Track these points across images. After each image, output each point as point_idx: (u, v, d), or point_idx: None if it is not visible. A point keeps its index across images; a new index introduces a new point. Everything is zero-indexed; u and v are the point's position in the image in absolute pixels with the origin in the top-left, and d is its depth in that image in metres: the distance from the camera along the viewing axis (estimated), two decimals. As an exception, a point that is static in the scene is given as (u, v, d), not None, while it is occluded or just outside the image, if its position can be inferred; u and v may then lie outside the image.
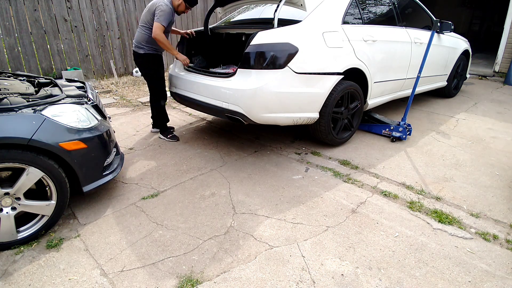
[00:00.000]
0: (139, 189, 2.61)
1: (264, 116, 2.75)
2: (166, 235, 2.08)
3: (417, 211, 2.32)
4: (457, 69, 5.08)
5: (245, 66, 2.70)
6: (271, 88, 2.65)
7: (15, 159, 1.79)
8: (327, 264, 1.84)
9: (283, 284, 1.71)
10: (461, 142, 3.51)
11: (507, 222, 2.22)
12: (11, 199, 1.87)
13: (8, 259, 1.88)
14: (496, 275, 1.77)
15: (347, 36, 3.05)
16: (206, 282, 1.72)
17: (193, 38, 3.67)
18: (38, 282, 1.72)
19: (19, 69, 5.25)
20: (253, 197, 2.50)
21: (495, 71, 6.86)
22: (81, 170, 2.05)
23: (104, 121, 2.35)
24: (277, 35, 2.68)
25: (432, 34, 3.60)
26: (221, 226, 2.16)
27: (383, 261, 1.86)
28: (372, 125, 3.75)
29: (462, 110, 4.62)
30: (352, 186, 2.65)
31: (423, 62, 3.55)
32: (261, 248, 1.96)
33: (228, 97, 2.79)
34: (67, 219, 2.24)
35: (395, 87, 3.87)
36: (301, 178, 2.78)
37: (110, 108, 4.78)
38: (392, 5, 3.78)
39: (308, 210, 2.33)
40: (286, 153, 3.27)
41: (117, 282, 1.73)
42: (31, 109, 1.93)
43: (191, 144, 3.49)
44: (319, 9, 2.96)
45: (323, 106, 2.98)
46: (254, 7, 3.84)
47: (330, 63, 2.90)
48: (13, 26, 5.12)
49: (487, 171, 2.90)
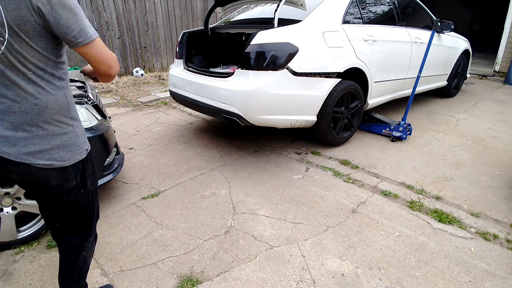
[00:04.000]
0: (139, 189, 2.61)
1: (261, 118, 2.75)
2: (166, 235, 2.08)
3: (417, 210, 2.32)
4: (458, 69, 5.08)
5: (245, 66, 2.70)
6: (269, 90, 2.65)
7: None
8: (327, 263, 1.84)
9: (283, 283, 1.71)
10: (461, 141, 3.51)
11: (507, 221, 2.22)
12: (12, 198, 1.87)
13: (9, 258, 1.88)
14: (496, 275, 1.77)
15: (347, 35, 3.05)
16: (206, 282, 1.72)
17: (193, 38, 3.67)
18: (38, 282, 1.72)
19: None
20: (254, 196, 2.50)
21: (495, 71, 6.85)
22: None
23: (105, 121, 2.35)
24: (277, 34, 2.68)
25: (432, 33, 3.60)
26: (221, 226, 2.16)
27: (383, 260, 1.86)
28: (372, 125, 3.75)
29: (462, 109, 4.62)
30: (352, 186, 2.65)
31: (423, 61, 3.55)
32: (261, 247, 1.96)
33: (225, 97, 2.79)
34: (67, 219, 2.24)
35: (395, 86, 3.87)
36: (301, 178, 2.78)
37: (110, 108, 4.78)
38: (392, 5, 3.78)
39: (308, 210, 2.33)
40: (287, 152, 3.27)
41: (117, 282, 1.73)
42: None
43: (191, 144, 3.49)
44: (319, 9, 2.96)
45: (323, 106, 2.98)
46: (254, 7, 3.84)
47: (330, 63, 2.90)
48: None
49: (487, 170, 2.90)
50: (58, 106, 1.15)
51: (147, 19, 6.72)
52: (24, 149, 1.12)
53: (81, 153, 1.24)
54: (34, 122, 1.12)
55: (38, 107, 1.11)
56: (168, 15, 6.95)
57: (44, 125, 1.13)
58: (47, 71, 1.10)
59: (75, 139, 1.21)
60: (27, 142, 1.12)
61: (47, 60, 1.09)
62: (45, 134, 1.14)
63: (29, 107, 1.10)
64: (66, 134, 1.18)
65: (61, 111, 1.16)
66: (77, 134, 1.22)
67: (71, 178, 1.22)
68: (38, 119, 1.12)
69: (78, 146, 1.22)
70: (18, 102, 1.09)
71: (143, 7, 6.60)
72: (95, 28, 6.05)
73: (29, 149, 1.13)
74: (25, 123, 1.11)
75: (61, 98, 1.16)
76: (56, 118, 1.15)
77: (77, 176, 1.24)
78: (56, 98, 1.14)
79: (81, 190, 1.29)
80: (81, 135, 1.25)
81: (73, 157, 1.21)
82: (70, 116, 1.20)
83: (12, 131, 1.11)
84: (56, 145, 1.16)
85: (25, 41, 1.02)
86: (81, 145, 1.24)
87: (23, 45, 1.03)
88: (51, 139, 1.15)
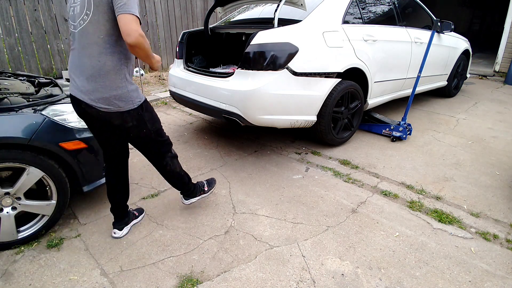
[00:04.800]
0: (139, 188, 2.61)
1: (261, 118, 2.75)
2: (166, 235, 2.08)
3: (417, 210, 2.32)
4: (458, 69, 5.08)
5: (245, 66, 2.70)
6: (269, 90, 2.65)
7: (16, 159, 1.79)
8: (327, 263, 1.84)
9: (283, 283, 1.71)
10: (461, 141, 3.51)
11: (507, 221, 2.22)
12: (12, 199, 1.87)
13: (9, 259, 1.88)
14: (496, 275, 1.77)
15: (347, 35, 3.05)
16: (206, 282, 1.72)
17: (193, 38, 3.66)
18: (38, 282, 1.72)
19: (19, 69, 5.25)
20: (253, 196, 2.50)
21: (495, 71, 6.85)
22: (81, 169, 2.05)
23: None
24: (277, 34, 2.68)
25: (432, 33, 3.60)
26: (221, 226, 2.16)
27: (383, 260, 1.86)
28: (372, 125, 3.75)
29: (462, 109, 4.62)
30: (352, 186, 2.64)
31: (423, 61, 3.55)
32: (261, 247, 1.96)
33: (225, 97, 2.79)
34: (67, 219, 2.24)
35: (395, 86, 3.87)
36: (301, 178, 2.78)
37: (110, 108, 4.77)
38: (392, 5, 3.78)
39: (308, 210, 2.33)
40: (286, 152, 3.27)
41: (117, 282, 1.73)
42: (32, 109, 1.93)
43: (191, 144, 3.49)
44: (319, 9, 2.96)
45: (323, 106, 2.98)
46: (254, 6, 3.84)
47: (330, 62, 2.90)
48: (13, 26, 5.11)
49: (487, 170, 2.90)
50: (113, 66, 1.56)
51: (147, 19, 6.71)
52: (92, 96, 1.58)
53: (133, 104, 1.66)
54: (98, 76, 1.55)
55: (100, 64, 1.54)
56: (168, 15, 6.95)
57: (104, 80, 1.56)
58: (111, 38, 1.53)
59: (127, 94, 1.63)
60: (94, 91, 1.57)
61: (112, 29, 1.52)
62: (104, 86, 1.57)
63: (95, 64, 1.54)
64: (120, 89, 1.60)
65: (115, 71, 1.57)
66: (128, 91, 1.63)
67: (128, 120, 1.68)
68: (100, 74, 1.55)
69: (130, 99, 1.65)
70: (89, 59, 1.54)
71: (143, 7, 6.60)
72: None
73: (95, 96, 1.58)
74: (93, 76, 1.55)
75: (117, 61, 1.57)
76: (112, 76, 1.57)
77: (133, 119, 1.68)
78: (112, 60, 1.55)
79: (143, 129, 1.75)
80: (133, 91, 1.66)
81: (126, 106, 1.64)
82: (123, 77, 1.60)
83: (86, 82, 1.57)
84: (112, 95, 1.59)
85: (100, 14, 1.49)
86: (133, 98, 1.66)
87: (100, 17, 1.49)
88: (108, 91, 1.58)
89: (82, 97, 1.60)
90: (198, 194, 2.24)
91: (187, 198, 2.22)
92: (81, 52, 1.56)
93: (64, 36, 5.68)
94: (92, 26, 1.51)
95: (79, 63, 1.58)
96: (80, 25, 1.55)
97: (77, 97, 1.62)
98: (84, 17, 1.52)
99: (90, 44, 1.53)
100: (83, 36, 1.54)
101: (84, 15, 1.53)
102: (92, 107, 1.60)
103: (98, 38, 1.52)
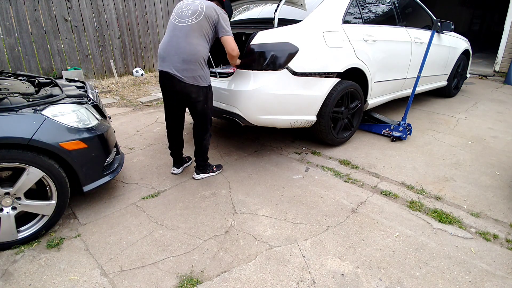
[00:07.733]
0: (139, 188, 2.61)
1: (261, 118, 2.75)
2: (166, 235, 2.08)
3: (417, 210, 2.32)
4: (457, 69, 5.08)
5: (245, 66, 2.70)
6: (269, 90, 2.65)
7: (16, 159, 1.79)
8: (327, 263, 1.84)
9: (283, 283, 1.71)
10: (461, 141, 3.51)
11: (507, 221, 2.22)
12: (12, 199, 1.87)
13: (9, 259, 1.88)
14: (496, 275, 1.77)
15: (347, 35, 3.05)
16: (206, 282, 1.72)
17: None
18: (38, 282, 1.72)
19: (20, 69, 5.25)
20: (253, 197, 2.50)
21: (495, 71, 6.86)
22: (81, 170, 2.05)
23: (105, 121, 2.35)
24: (277, 34, 2.68)
25: (432, 33, 3.60)
26: (221, 226, 2.16)
27: (383, 260, 1.86)
28: (372, 125, 3.75)
29: (462, 109, 4.62)
30: (352, 186, 2.65)
31: (423, 61, 3.55)
32: (261, 247, 1.96)
33: (225, 98, 2.80)
34: (67, 219, 2.24)
35: (395, 86, 3.87)
36: (301, 178, 2.78)
37: (110, 108, 4.78)
38: (392, 5, 3.78)
39: (308, 210, 2.33)
40: (286, 152, 3.27)
41: (117, 282, 1.73)
42: (32, 109, 1.93)
43: (191, 144, 3.48)
44: (319, 9, 2.96)
45: (323, 106, 2.98)
46: (254, 7, 3.84)
47: (330, 62, 2.90)
48: (13, 26, 5.12)
49: (487, 170, 2.90)
50: (201, 55, 2.31)
51: (147, 19, 6.72)
52: (185, 73, 2.29)
53: (207, 83, 2.40)
54: (191, 60, 2.28)
55: (195, 50, 2.28)
56: (168, 15, 6.95)
57: (194, 63, 2.29)
58: (207, 36, 2.34)
59: (204, 75, 2.36)
60: (187, 70, 2.29)
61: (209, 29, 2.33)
62: (193, 68, 2.30)
63: (191, 50, 2.28)
64: (201, 70, 2.33)
65: (202, 58, 2.32)
66: (204, 73, 2.36)
67: (200, 95, 2.38)
68: (192, 59, 2.28)
69: (205, 79, 2.38)
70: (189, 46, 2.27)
71: (143, 7, 6.60)
72: (95, 28, 6.05)
73: (187, 74, 2.29)
74: (188, 59, 2.28)
75: (204, 51, 2.33)
76: (199, 61, 2.30)
77: (203, 95, 2.39)
78: (201, 50, 2.30)
79: (205, 105, 2.45)
80: (207, 74, 2.40)
81: (202, 83, 2.36)
82: (204, 63, 2.35)
83: (182, 63, 2.29)
84: (197, 75, 2.31)
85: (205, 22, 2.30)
86: (207, 79, 2.40)
87: (204, 23, 2.30)
88: (195, 71, 2.31)
89: (175, 74, 2.30)
90: (208, 171, 2.78)
91: (199, 173, 2.75)
92: (184, 39, 2.28)
93: (64, 36, 5.68)
94: (198, 26, 2.29)
95: (178, 47, 2.29)
96: (187, 22, 2.31)
97: (171, 72, 2.31)
98: (193, 18, 2.30)
99: (193, 36, 2.29)
100: (190, 30, 2.29)
101: (193, 17, 2.30)
102: (182, 82, 2.31)
103: (199, 34, 2.30)
